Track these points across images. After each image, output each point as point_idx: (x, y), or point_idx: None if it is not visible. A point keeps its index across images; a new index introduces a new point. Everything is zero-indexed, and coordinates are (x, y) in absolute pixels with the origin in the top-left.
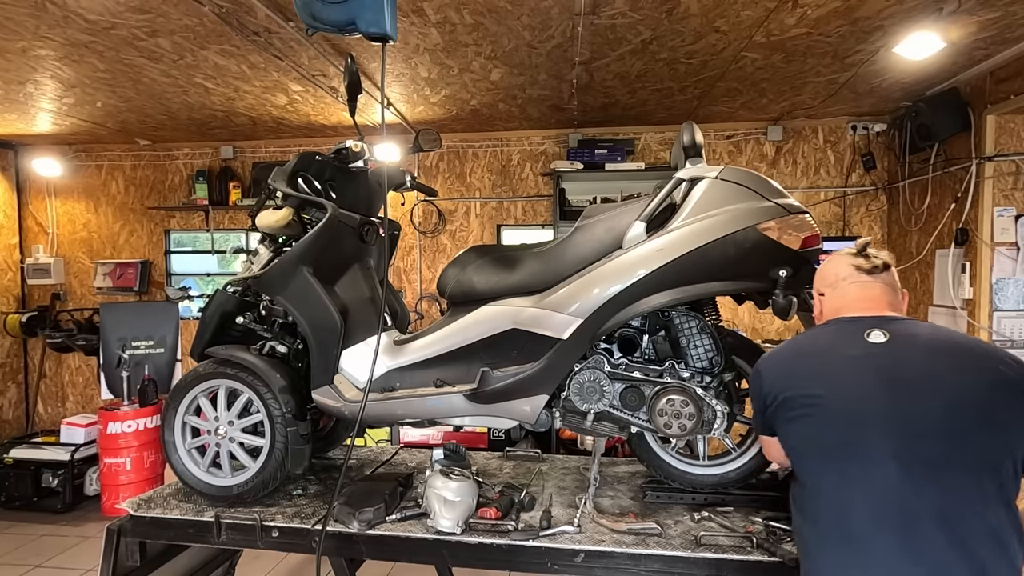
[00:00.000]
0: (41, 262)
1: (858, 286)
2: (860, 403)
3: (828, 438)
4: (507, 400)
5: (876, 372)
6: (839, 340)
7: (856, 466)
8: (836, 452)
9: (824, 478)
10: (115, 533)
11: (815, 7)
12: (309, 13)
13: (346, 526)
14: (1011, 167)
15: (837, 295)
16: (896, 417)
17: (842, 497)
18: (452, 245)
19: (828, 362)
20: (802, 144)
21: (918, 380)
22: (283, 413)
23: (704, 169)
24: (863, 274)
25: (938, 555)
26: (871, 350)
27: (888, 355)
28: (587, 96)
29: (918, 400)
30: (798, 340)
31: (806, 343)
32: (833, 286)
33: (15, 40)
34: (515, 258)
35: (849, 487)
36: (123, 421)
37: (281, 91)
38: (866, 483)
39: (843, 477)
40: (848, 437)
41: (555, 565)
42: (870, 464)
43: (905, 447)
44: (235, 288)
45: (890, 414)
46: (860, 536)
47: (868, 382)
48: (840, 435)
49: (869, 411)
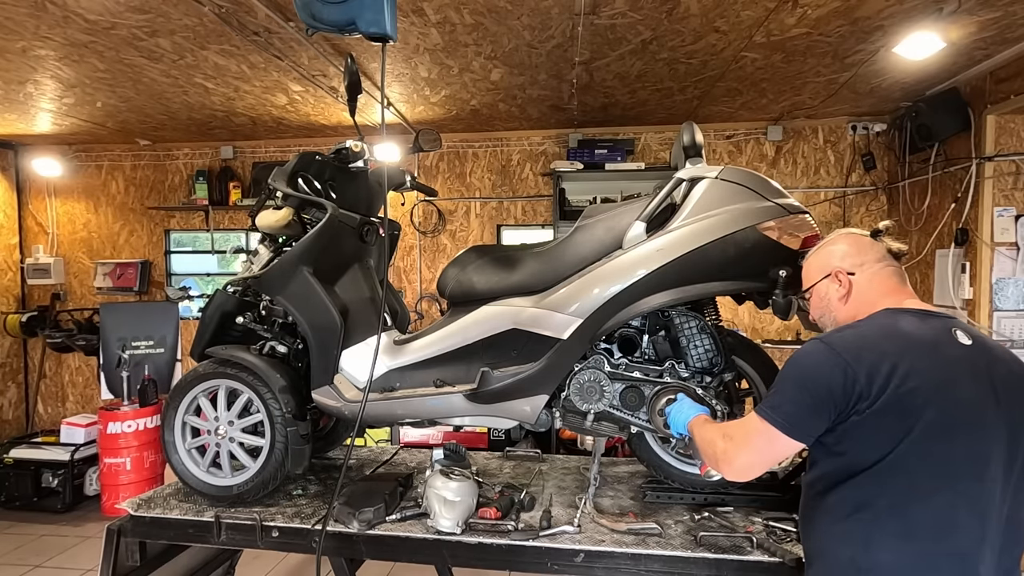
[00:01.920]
0: (41, 262)
1: (893, 273)
2: (976, 413)
3: (947, 449)
4: (507, 400)
5: (978, 379)
6: (936, 337)
7: (969, 478)
8: (953, 464)
9: (934, 489)
10: (115, 533)
11: (815, 7)
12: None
13: (346, 526)
14: (1011, 167)
15: (876, 278)
16: (1005, 426)
17: (952, 510)
18: (452, 245)
19: (940, 360)
20: (802, 144)
21: (1014, 389)
22: (283, 413)
23: (704, 169)
24: (893, 259)
25: (1003, 552)
26: (965, 353)
27: (981, 359)
28: (587, 96)
29: (1018, 408)
30: (887, 328)
31: (909, 334)
32: (866, 267)
33: (15, 40)
34: (515, 258)
35: (960, 500)
36: (123, 421)
37: (281, 91)
38: (979, 497)
39: (955, 490)
40: (967, 447)
41: (555, 565)
42: (985, 477)
43: (1012, 454)
44: (235, 288)
45: (1000, 424)
46: (964, 553)
47: (976, 390)
48: (960, 446)
49: (985, 421)
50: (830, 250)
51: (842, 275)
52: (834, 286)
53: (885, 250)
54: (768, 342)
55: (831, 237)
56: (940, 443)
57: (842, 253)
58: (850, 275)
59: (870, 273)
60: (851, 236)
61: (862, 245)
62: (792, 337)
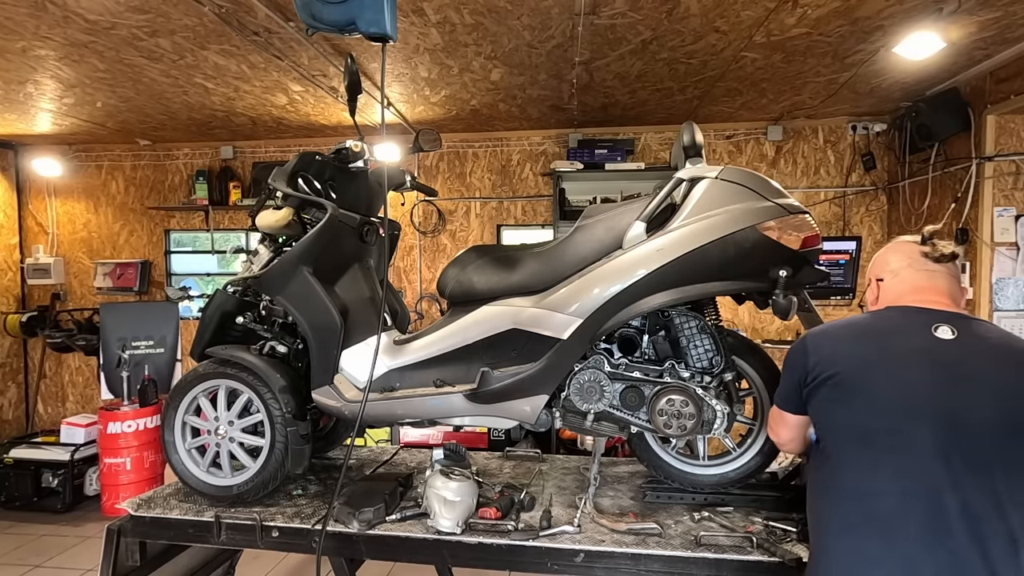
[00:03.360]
0: (41, 262)
1: (924, 274)
2: (914, 395)
3: (874, 424)
4: (507, 400)
5: (936, 367)
6: (904, 329)
7: (895, 455)
8: (878, 439)
9: (859, 461)
10: (115, 533)
11: (815, 7)
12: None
13: (346, 526)
14: (1011, 167)
15: (898, 281)
16: (947, 414)
17: (874, 481)
18: (452, 245)
19: (888, 349)
20: (802, 144)
21: (977, 381)
22: (283, 413)
23: (704, 169)
24: (929, 262)
25: (956, 547)
26: (936, 345)
27: (953, 353)
28: (587, 96)
29: (973, 401)
30: (857, 321)
31: (868, 326)
32: (895, 273)
33: (15, 40)
34: (515, 258)
35: (882, 473)
36: (123, 421)
37: (281, 91)
38: (901, 471)
39: (877, 463)
40: (895, 426)
41: (555, 565)
42: (910, 455)
43: (949, 443)
44: (235, 288)
45: (942, 410)
46: (883, 519)
47: (925, 375)
48: (887, 423)
49: (922, 404)
50: (874, 259)
51: (874, 282)
52: (870, 292)
53: (920, 254)
54: (768, 342)
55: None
56: (861, 416)
57: (881, 262)
58: (879, 281)
59: (899, 279)
60: (895, 244)
61: (901, 252)
62: (792, 337)
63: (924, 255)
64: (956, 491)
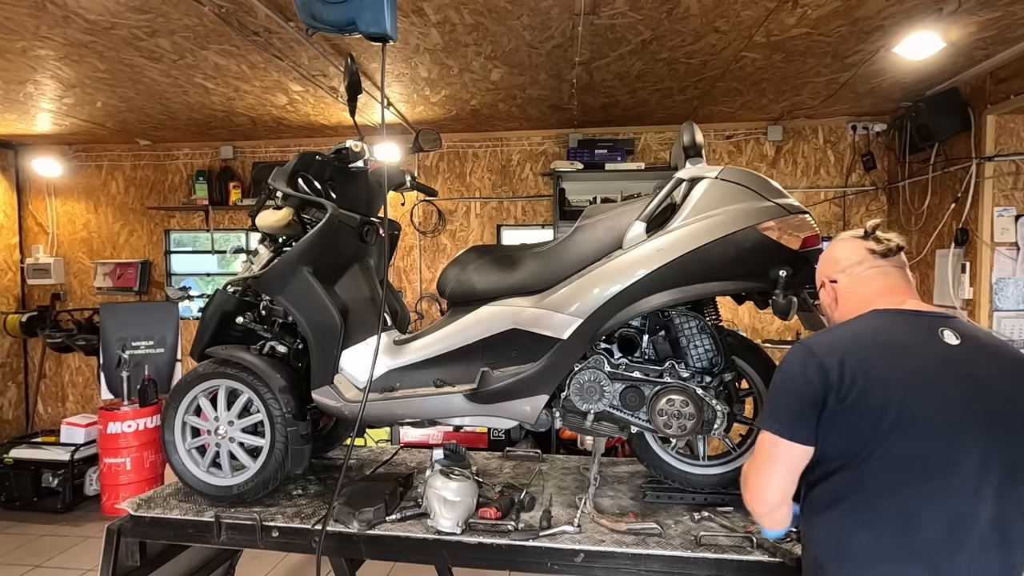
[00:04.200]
0: (41, 262)
1: (878, 273)
2: (952, 410)
3: (918, 447)
4: (507, 400)
5: (961, 378)
6: (914, 338)
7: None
8: (924, 461)
9: (897, 486)
10: (115, 533)
11: (815, 7)
12: (309, 13)
13: (346, 526)
14: (1011, 167)
15: (855, 282)
16: (983, 428)
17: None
18: (452, 245)
19: (912, 361)
20: (802, 144)
21: (995, 387)
22: (283, 413)
23: (704, 169)
24: (878, 258)
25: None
26: (950, 353)
27: (966, 359)
28: (587, 96)
29: (999, 407)
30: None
31: (879, 336)
32: (847, 272)
33: (15, 40)
34: (515, 258)
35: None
36: (123, 421)
37: (281, 91)
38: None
39: (920, 489)
40: (941, 445)
41: (555, 565)
42: (956, 475)
43: (991, 456)
44: (235, 288)
45: (978, 425)
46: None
47: (954, 387)
48: (933, 444)
49: (960, 419)
50: (822, 258)
51: (827, 284)
52: (825, 294)
53: (867, 251)
54: (768, 342)
55: (828, 244)
56: (903, 442)
57: (829, 261)
58: (833, 283)
59: (851, 278)
60: (840, 242)
61: (847, 250)
62: (792, 337)
63: (871, 252)
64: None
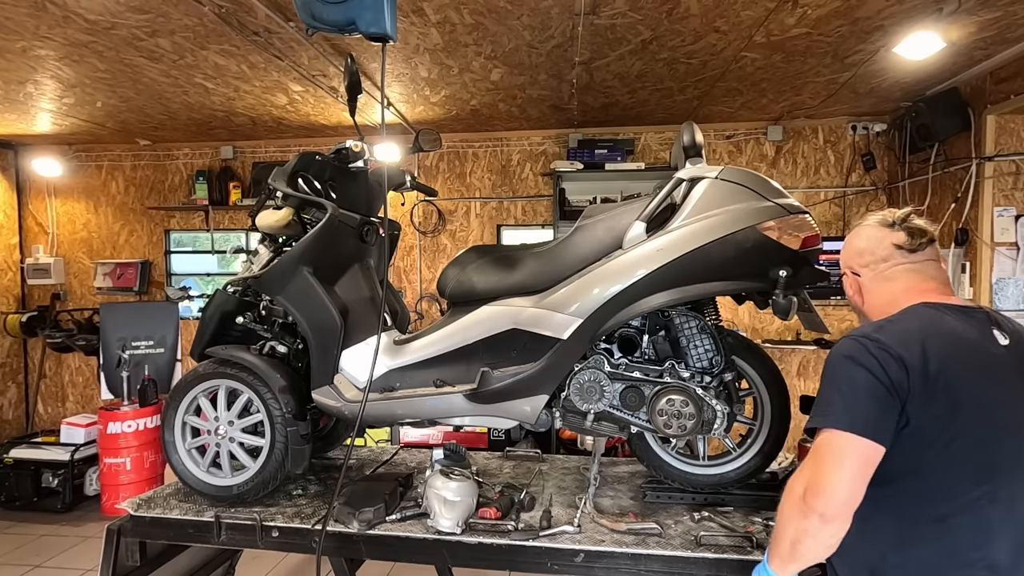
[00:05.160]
0: (41, 262)
1: (905, 271)
2: (1018, 414)
3: (996, 452)
4: (507, 400)
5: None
6: (976, 336)
7: (1015, 482)
8: (1000, 468)
9: (972, 494)
10: (115, 533)
11: (815, 7)
12: (309, 13)
13: (346, 526)
14: (1011, 167)
15: (879, 279)
16: None
17: (990, 519)
18: (452, 245)
19: (983, 361)
20: (802, 144)
21: None
22: (283, 413)
23: (704, 169)
24: (906, 254)
25: None
26: (1004, 353)
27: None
28: (587, 96)
29: None
30: (930, 323)
31: (949, 332)
32: (871, 268)
33: (15, 40)
34: (515, 258)
35: (996, 509)
36: (123, 421)
37: (281, 91)
38: (1014, 505)
39: (995, 497)
40: (1006, 449)
41: (555, 565)
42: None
43: None
44: (235, 288)
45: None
46: (999, 554)
47: (1016, 392)
48: (1012, 446)
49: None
50: (845, 245)
51: (849, 274)
52: (848, 283)
53: (893, 246)
54: (768, 342)
55: (855, 226)
56: (982, 445)
57: (852, 251)
58: (855, 275)
59: (875, 274)
60: (864, 230)
61: (872, 241)
62: (792, 337)
63: (898, 247)
64: None
